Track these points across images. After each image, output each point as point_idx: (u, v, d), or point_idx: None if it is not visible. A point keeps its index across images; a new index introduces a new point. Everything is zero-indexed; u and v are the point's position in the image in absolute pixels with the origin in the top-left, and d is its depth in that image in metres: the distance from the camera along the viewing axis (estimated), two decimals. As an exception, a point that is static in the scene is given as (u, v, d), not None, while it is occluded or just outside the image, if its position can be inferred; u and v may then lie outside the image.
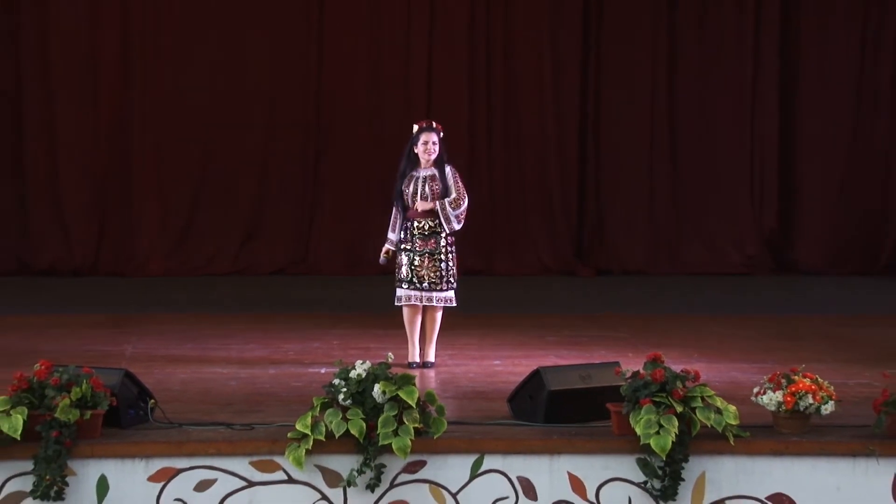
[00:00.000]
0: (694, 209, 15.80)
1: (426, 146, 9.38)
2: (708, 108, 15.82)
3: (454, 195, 9.37)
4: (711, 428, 7.05)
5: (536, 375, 7.55)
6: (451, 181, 9.39)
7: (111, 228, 15.20)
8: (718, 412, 7.09)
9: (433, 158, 9.38)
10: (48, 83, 15.03)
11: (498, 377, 9.00)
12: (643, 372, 7.16)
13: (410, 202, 9.38)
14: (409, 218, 9.39)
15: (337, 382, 7.08)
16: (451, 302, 9.42)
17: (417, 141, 9.40)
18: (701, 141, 15.81)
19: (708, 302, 13.70)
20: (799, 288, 14.78)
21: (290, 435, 7.00)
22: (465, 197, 9.42)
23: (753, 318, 12.20)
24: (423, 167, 9.41)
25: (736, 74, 15.78)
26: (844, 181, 15.84)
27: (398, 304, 9.43)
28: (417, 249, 9.35)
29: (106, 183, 15.21)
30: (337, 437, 6.94)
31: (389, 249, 9.47)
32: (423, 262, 9.34)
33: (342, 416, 6.98)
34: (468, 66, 15.56)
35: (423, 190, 9.36)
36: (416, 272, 9.34)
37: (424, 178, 9.39)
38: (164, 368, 9.21)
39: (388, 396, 7.01)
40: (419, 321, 9.44)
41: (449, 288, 9.39)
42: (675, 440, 6.93)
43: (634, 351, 9.58)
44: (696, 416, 7.04)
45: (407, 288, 9.36)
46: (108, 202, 15.21)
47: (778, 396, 7.19)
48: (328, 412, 7.01)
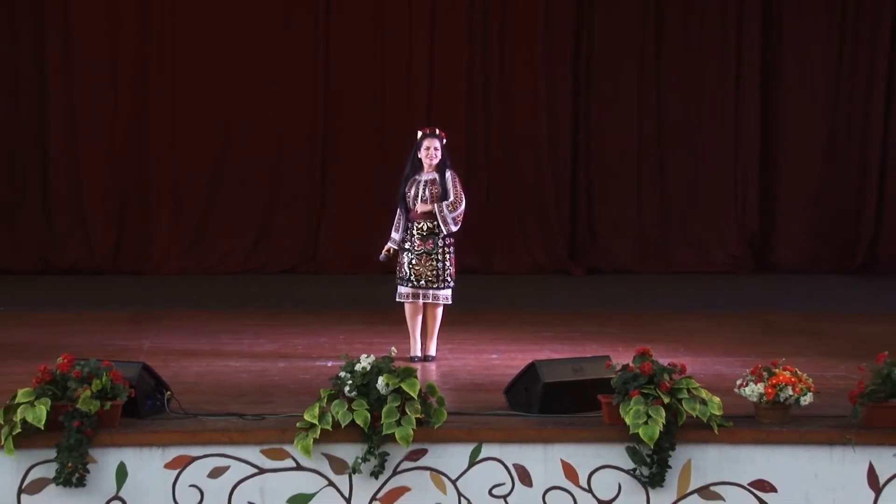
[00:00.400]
0: (680, 212, 15.79)
1: (428, 151, 9.37)
2: (693, 116, 15.79)
3: (451, 198, 9.37)
4: (697, 418, 7.04)
5: (532, 368, 7.55)
6: (450, 185, 9.39)
7: (130, 230, 15.19)
8: (703, 403, 7.08)
9: (435, 163, 9.38)
10: (72, 97, 15.00)
11: (495, 370, 8.99)
12: (632, 365, 7.15)
13: (412, 204, 9.38)
14: (410, 219, 9.39)
15: (343, 375, 7.08)
16: (447, 300, 9.40)
17: (421, 146, 9.40)
18: (687, 148, 15.80)
19: (693, 299, 13.67)
20: (779, 286, 14.76)
21: (298, 425, 6.99)
22: (462, 200, 9.40)
23: (736, 314, 12.18)
24: (425, 171, 9.40)
25: (720, 85, 15.75)
26: (821, 186, 15.83)
27: (398, 300, 9.43)
28: (416, 249, 9.35)
29: (125, 188, 15.19)
30: (343, 426, 6.94)
31: (391, 248, 9.46)
32: (420, 261, 9.33)
33: (348, 406, 6.98)
34: (467, 75, 15.52)
35: (423, 193, 9.35)
36: (414, 270, 9.33)
37: (426, 181, 9.38)
38: (179, 362, 9.20)
39: (391, 388, 7.00)
40: (420, 317, 9.43)
41: (446, 286, 9.37)
42: (662, 430, 6.92)
43: (624, 345, 9.57)
44: (682, 406, 7.03)
45: (406, 286, 9.36)
46: (126, 205, 15.20)
47: (759, 388, 7.19)
48: (335, 403, 7.01)
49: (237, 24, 15.16)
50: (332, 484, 7.03)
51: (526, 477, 7.10)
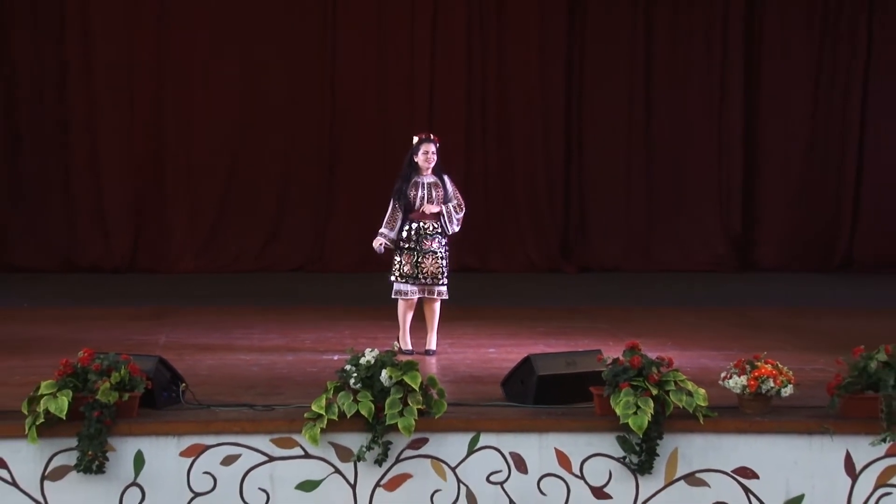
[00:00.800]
0: (667, 213, 15.78)
1: (426, 156, 9.36)
2: (679, 123, 15.80)
3: (456, 202, 9.39)
4: (683, 409, 7.04)
5: (527, 362, 7.54)
6: (450, 189, 9.40)
7: (147, 230, 15.18)
8: (689, 395, 7.07)
9: (432, 167, 9.38)
10: (92, 107, 15.00)
11: (492, 363, 8.98)
12: (622, 359, 7.15)
13: (418, 204, 9.35)
14: (412, 219, 9.36)
15: (348, 368, 7.07)
16: (445, 295, 9.42)
17: (418, 151, 9.38)
18: (674, 150, 15.80)
19: (680, 296, 13.65)
20: (761, 284, 14.75)
21: (306, 415, 6.99)
22: (463, 204, 9.45)
23: (720, 310, 12.17)
24: (424, 174, 9.39)
25: (705, 92, 15.75)
26: (801, 188, 15.82)
27: (401, 297, 9.39)
28: (423, 249, 9.33)
29: (142, 190, 15.18)
30: (348, 416, 6.93)
31: (384, 243, 9.38)
32: (426, 259, 9.32)
33: (353, 398, 6.97)
34: (466, 78, 15.48)
35: (430, 195, 9.34)
36: (420, 269, 9.32)
37: (429, 184, 9.37)
38: (193, 355, 9.19)
39: (394, 381, 6.99)
40: (412, 313, 9.42)
41: (445, 283, 9.40)
42: (650, 420, 6.92)
43: (614, 340, 9.56)
44: (669, 398, 7.03)
45: (412, 284, 9.34)
46: (144, 207, 15.19)
47: (742, 380, 7.18)
48: (341, 395, 7.00)
49: (249, 30, 15.13)
50: (338, 471, 7.03)
51: (521, 464, 7.10)
